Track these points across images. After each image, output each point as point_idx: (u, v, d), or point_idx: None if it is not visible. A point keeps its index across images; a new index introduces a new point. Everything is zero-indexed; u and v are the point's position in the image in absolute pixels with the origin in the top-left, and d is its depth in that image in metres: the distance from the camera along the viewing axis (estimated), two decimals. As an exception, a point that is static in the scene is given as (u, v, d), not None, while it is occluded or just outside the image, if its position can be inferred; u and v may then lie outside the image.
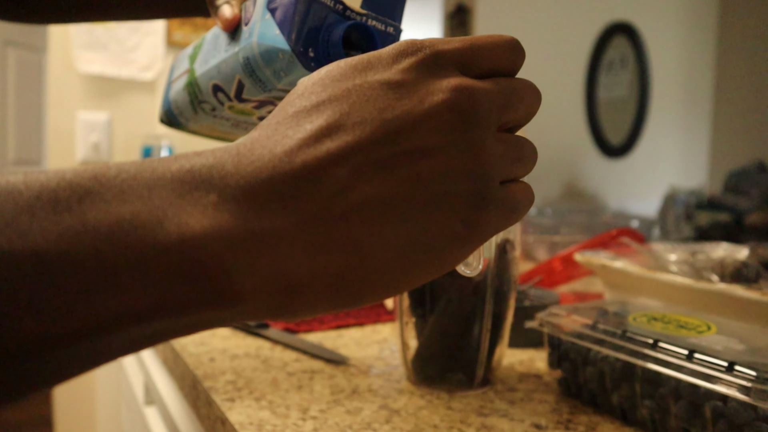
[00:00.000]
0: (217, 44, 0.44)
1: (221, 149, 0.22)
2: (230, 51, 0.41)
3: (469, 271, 0.29)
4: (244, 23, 0.40)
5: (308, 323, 0.66)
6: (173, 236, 0.19)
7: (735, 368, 0.35)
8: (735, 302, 0.51)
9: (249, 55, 0.38)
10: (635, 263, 0.62)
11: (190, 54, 0.48)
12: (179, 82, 0.49)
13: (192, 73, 0.46)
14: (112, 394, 1.21)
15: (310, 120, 0.22)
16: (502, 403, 0.46)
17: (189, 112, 0.49)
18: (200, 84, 0.45)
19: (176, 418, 0.60)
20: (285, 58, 0.36)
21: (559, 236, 1.13)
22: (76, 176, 0.20)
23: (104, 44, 1.60)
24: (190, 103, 0.47)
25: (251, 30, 0.39)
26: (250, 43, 0.38)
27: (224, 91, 0.43)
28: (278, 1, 0.37)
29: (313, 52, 0.36)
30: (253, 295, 0.20)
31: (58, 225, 0.18)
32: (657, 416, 0.40)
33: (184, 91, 0.47)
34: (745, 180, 2.41)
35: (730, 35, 2.86)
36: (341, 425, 0.41)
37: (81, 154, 1.60)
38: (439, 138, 0.22)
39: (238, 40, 0.40)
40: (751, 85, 2.76)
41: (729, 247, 0.70)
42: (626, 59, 2.68)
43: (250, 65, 0.39)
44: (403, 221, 0.21)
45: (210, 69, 0.43)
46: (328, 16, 0.36)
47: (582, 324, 0.46)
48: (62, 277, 0.18)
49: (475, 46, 0.24)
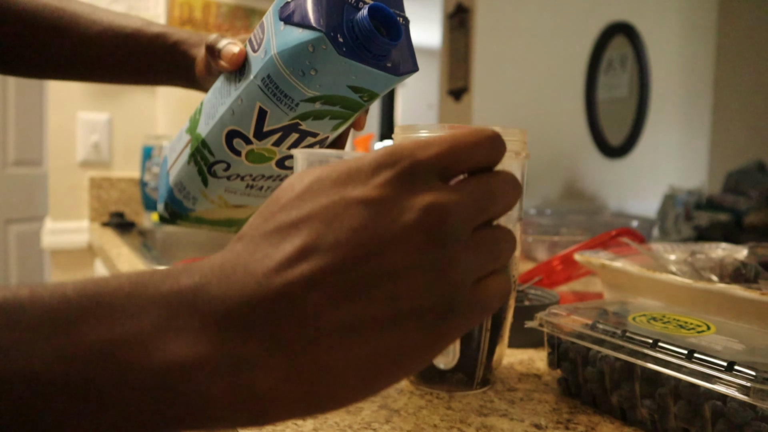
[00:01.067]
0: (220, 95, 0.43)
1: (207, 266, 0.23)
2: (242, 85, 0.40)
3: (443, 364, 0.29)
4: (253, 51, 0.40)
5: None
6: (156, 363, 0.21)
7: (734, 368, 0.36)
8: (734, 302, 0.51)
9: (270, 72, 0.38)
10: (635, 263, 0.62)
11: (187, 128, 0.47)
12: (179, 161, 0.47)
13: (196, 139, 0.45)
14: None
15: (290, 239, 0.23)
16: (501, 403, 0.46)
17: (197, 187, 0.47)
18: (210, 143, 0.44)
19: (177, 417, 0.60)
20: (315, 48, 0.35)
21: (559, 236, 1.13)
22: (76, 294, 0.22)
23: (104, 44, 1.60)
24: (198, 173, 0.46)
25: (265, 49, 0.38)
26: (269, 59, 0.38)
27: (242, 133, 0.42)
28: (292, 6, 0.37)
29: (342, 38, 0.35)
30: (225, 416, 0.22)
31: (54, 347, 0.21)
32: (656, 416, 0.40)
33: (188, 164, 0.46)
34: (745, 180, 2.41)
35: (729, 36, 2.86)
36: (341, 425, 0.41)
37: (81, 154, 1.60)
38: (409, 259, 0.23)
39: (249, 70, 0.40)
40: (751, 86, 2.76)
41: (728, 246, 0.70)
42: (626, 59, 2.68)
43: (273, 82, 0.38)
44: (371, 340, 0.23)
45: (220, 118, 0.42)
46: (345, 7, 0.36)
47: (582, 324, 0.46)
48: (54, 398, 0.20)
49: (455, 149, 0.25)
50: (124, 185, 1.67)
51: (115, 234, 1.44)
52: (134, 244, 1.26)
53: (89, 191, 1.62)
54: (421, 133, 0.46)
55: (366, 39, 0.36)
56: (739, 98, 2.81)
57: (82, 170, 1.62)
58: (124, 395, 0.21)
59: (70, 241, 1.60)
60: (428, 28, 4.67)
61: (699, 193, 2.56)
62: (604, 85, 2.64)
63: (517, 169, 0.47)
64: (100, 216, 1.64)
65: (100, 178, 1.63)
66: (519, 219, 0.48)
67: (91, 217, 1.63)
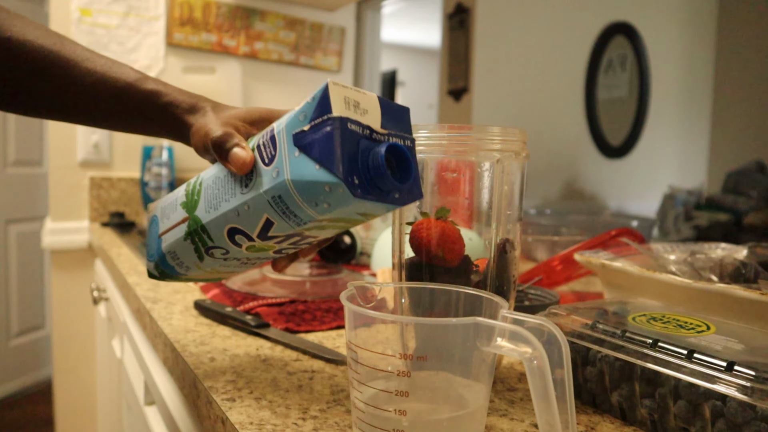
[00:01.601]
0: (224, 189, 0.43)
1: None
2: (250, 193, 0.41)
3: None
4: (263, 163, 0.40)
5: (308, 323, 0.66)
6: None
7: (734, 368, 0.36)
8: (734, 302, 0.51)
9: (281, 194, 0.39)
10: (635, 263, 0.62)
11: (183, 202, 0.47)
12: (174, 233, 0.48)
13: (195, 221, 0.45)
14: (112, 394, 1.21)
15: None
16: (502, 403, 0.46)
17: (192, 261, 0.48)
18: (210, 231, 0.45)
19: (176, 418, 0.60)
20: (332, 190, 0.37)
21: (559, 236, 1.13)
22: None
23: (105, 45, 1.60)
24: (195, 251, 0.47)
25: (278, 169, 0.39)
26: (281, 183, 0.38)
27: (245, 232, 0.43)
28: (309, 138, 0.37)
29: (357, 179, 0.37)
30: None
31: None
32: (656, 416, 0.40)
33: (185, 241, 0.47)
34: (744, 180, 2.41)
35: (728, 36, 2.87)
36: (341, 425, 0.41)
37: (81, 154, 1.60)
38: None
39: (259, 181, 0.40)
40: (750, 86, 2.77)
41: (728, 247, 0.70)
42: (626, 59, 2.68)
43: (284, 202, 0.39)
44: None
45: (224, 215, 0.43)
46: (360, 141, 0.37)
47: (582, 324, 0.46)
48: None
49: None
50: (124, 185, 1.67)
51: (115, 234, 1.44)
52: (134, 244, 1.26)
53: (89, 191, 1.62)
54: (420, 133, 0.46)
55: (380, 180, 0.37)
56: (739, 98, 2.81)
57: (82, 170, 1.62)
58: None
59: (70, 241, 1.60)
60: (428, 28, 4.67)
61: (699, 193, 2.56)
62: (604, 85, 2.65)
63: (517, 169, 0.47)
64: (100, 216, 1.64)
65: (100, 178, 1.63)
66: (519, 219, 0.48)
67: (91, 217, 1.63)
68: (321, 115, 0.37)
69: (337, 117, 0.36)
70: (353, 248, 1.05)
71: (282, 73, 1.92)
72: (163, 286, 0.85)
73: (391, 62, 5.29)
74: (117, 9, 1.61)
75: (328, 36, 1.98)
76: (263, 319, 0.66)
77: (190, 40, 1.74)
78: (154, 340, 0.70)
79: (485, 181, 0.46)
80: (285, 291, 0.81)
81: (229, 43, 1.80)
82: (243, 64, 1.83)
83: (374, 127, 0.38)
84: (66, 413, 1.66)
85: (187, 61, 1.74)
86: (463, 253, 0.46)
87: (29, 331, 2.71)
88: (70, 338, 1.64)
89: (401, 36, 5.08)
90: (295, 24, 1.90)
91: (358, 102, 0.38)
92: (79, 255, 1.62)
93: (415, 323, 0.38)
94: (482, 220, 0.46)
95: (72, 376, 1.65)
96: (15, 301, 2.63)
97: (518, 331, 0.31)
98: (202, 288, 0.82)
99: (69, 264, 1.62)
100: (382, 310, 0.42)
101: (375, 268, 0.98)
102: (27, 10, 2.53)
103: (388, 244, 0.94)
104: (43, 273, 2.76)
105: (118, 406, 1.09)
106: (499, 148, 0.45)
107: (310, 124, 0.37)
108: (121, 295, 1.06)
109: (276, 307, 0.72)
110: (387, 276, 0.83)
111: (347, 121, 0.37)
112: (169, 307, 0.73)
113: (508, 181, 0.46)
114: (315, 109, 0.37)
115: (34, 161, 2.71)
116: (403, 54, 5.46)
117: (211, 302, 0.69)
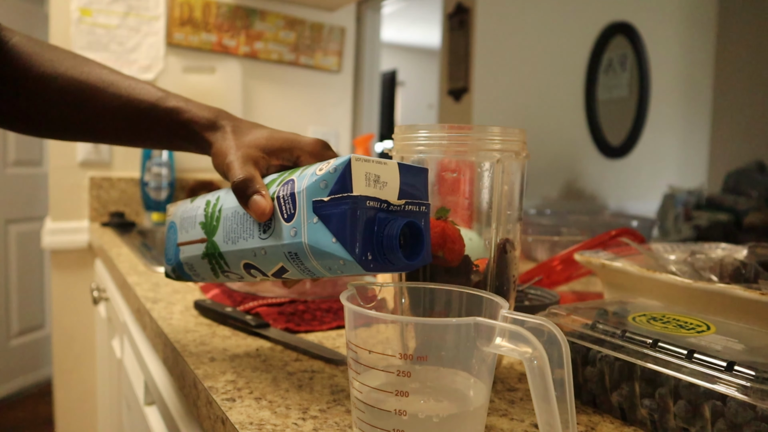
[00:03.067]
0: (243, 226, 0.45)
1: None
2: (269, 242, 0.42)
3: None
4: (283, 217, 0.42)
5: (308, 323, 0.66)
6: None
7: (734, 368, 0.36)
8: (734, 302, 0.51)
9: (297, 251, 0.40)
10: (635, 263, 0.62)
11: (202, 222, 0.49)
12: (192, 249, 0.50)
13: (213, 246, 0.48)
14: (112, 394, 1.21)
15: None
16: (501, 403, 0.46)
17: (207, 274, 0.50)
18: (228, 260, 0.47)
19: (176, 418, 0.60)
20: (346, 264, 0.38)
21: (559, 236, 1.13)
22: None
23: (105, 45, 1.60)
24: (211, 269, 0.49)
25: (297, 230, 0.40)
26: (298, 243, 0.40)
27: (260, 270, 0.45)
28: (328, 210, 0.38)
29: (371, 255, 0.38)
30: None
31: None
32: (656, 416, 0.40)
33: (202, 260, 0.49)
34: (744, 180, 2.41)
35: (728, 36, 2.86)
36: (341, 425, 0.41)
37: (81, 154, 1.60)
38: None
39: (278, 233, 0.42)
40: (750, 86, 2.77)
41: (728, 247, 0.70)
42: (626, 59, 2.68)
43: (299, 258, 0.41)
44: None
45: (241, 251, 0.45)
46: (377, 215, 0.39)
47: (582, 324, 0.46)
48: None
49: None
50: (124, 185, 1.67)
51: (115, 234, 1.44)
52: (134, 244, 1.26)
53: (89, 191, 1.62)
54: (421, 133, 0.46)
55: (392, 255, 0.39)
56: (739, 98, 2.81)
57: (82, 170, 1.62)
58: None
59: (70, 241, 1.60)
60: (428, 28, 4.67)
61: (699, 193, 2.56)
62: (604, 85, 2.65)
63: (517, 169, 0.47)
64: (100, 216, 1.64)
65: (100, 178, 1.63)
66: (519, 219, 0.48)
67: (91, 217, 1.63)
68: (341, 191, 0.38)
69: (356, 197, 0.38)
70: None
71: (282, 73, 1.92)
72: (163, 285, 0.85)
73: (391, 62, 5.29)
74: (117, 9, 1.61)
75: (328, 36, 1.98)
76: (263, 319, 0.66)
77: (190, 40, 1.74)
78: (154, 340, 0.70)
79: (485, 181, 0.46)
80: (285, 291, 0.81)
81: (229, 43, 1.80)
82: (243, 64, 1.83)
83: (391, 200, 0.40)
84: (66, 413, 1.66)
85: (187, 61, 1.74)
86: (463, 253, 0.46)
87: (29, 331, 2.71)
88: (70, 338, 1.64)
89: (401, 36, 5.08)
90: (295, 24, 1.90)
91: (378, 176, 0.39)
92: (79, 255, 1.62)
93: (415, 323, 0.38)
94: (482, 220, 0.46)
95: (72, 376, 1.65)
96: (15, 301, 2.63)
97: (518, 331, 0.31)
98: (202, 288, 0.82)
99: (69, 264, 1.62)
100: (382, 310, 0.42)
101: (375, 268, 0.98)
102: (27, 10, 2.53)
103: (388, 244, 0.94)
104: (43, 273, 2.76)
105: (118, 406, 1.09)
106: (499, 148, 0.45)
107: (330, 197, 0.38)
108: (121, 295, 1.06)
109: (276, 307, 0.72)
110: (387, 276, 0.83)
111: (366, 200, 0.38)
112: (169, 307, 0.73)
113: (508, 181, 0.46)
114: (336, 182, 0.38)
115: (34, 161, 2.71)
116: (403, 54, 5.46)
117: (211, 302, 0.69)
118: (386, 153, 0.50)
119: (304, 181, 0.41)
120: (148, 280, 0.89)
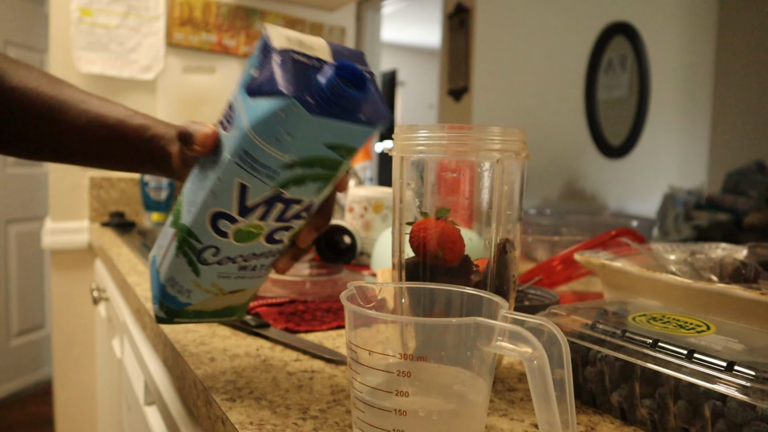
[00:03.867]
0: (199, 181, 0.43)
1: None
2: (219, 166, 0.41)
3: None
4: (225, 130, 0.41)
5: (308, 323, 0.66)
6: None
7: (734, 368, 0.36)
8: (734, 302, 0.51)
9: (245, 146, 0.38)
10: (635, 263, 0.62)
11: (170, 222, 0.47)
12: (168, 257, 0.47)
13: (181, 230, 0.45)
14: (112, 394, 1.21)
15: None
16: (501, 403, 0.46)
17: (189, 279, 0.46)
18: (195, 230, 0.44)
19: (176, 417, 0.60)
20: (287, 113, 0.36)
21: (559, 236, 1.13)
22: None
23: (105, 45, 1.60)
24: (188, 264, 0.45)
25: (237, 125, 0.39)
26: (242, 134, 0.38)
27: (226, 213, 0.42)
28: (259, 80, 0.37)
29: (312, 98, 0.36)
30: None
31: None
32: (656, 416, 0.40)
33: (177, 257, 0.45)
34: (744, 180, 2.41)
35: (729, 36, 2.86)
36: (341, 425, 0.41)
37: (81, 155, 1.61)
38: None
39: (224, 150, 0.40)
40: (750, 86, 2.76)
41: (728, 247, 0.70)
42: (626, 59, 2.68)
43: (249, 155, 0.39)
44: None
45: (203, 203, 0.42)
46: (310, 71, 0.37)
47: (582, 324, 0.46)
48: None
49: None
50: (124, 185, 1.67)
51: (115, 234, 1.44)
52: (134, 244, 1.26)
53: (89, 191, 1.62)
54: (421, 133, 0.46)
55: (335, 95, 0.36)
56: (739, 98, 2.81)
57: (82, 170, 1.62)
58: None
59: (70, 241, 1.60)
60: (428, 28, 4.67)
61: (699, 193, 2.56)
62: (604, 85, 2.65)
63: (517, 169, 0.47)
64: (100, 216, 1.64)
65: (100, 178, 1.63)
66: (519, 219, 0.48)
67: (91, 217, 1.63)
68: (265, 55, 0.37)
69: (279, 49, 0.36)
70: (353, 248, 1.05)
71: (282, 73, 1.92)
72: (163, 286, 0.85)
73: (391, 62, 5.29)
74: (117, 9, 1.61)
75: (328, 36, 1.98)
76: (263, 319, 0.66)
77: (190, 40, 1.74)
78: (154, 340, 0.70)
79: (485, 181, 0.46)
80: (285, 291, 0.81)
81: (229, 43, 1.80)
82: (243, 64, 1.83)
83: (324, 58, 0.38)
84: (66, 413, 1.66)
85: (187, 61, 1.74)
86: (463, 253, 0.46)
87: (29, 331, 2.71)
88: (70, 338, 1.64)
89: (401, 36, 5.08)
90: (295, 24, 1.90)
91: (302, 41, 0.38)
92: (79, 255, 1.62)
93: (415, 323, 0.38)
94: (482, 220, 0.46)
95: (72, 376, 1.65)
96: (15, 301, 2.63)
97: (518, 331, 0.31)
98: (202, 288, 0.82)
99: (69, 264, 1.62)
100: (382, 310, 0.41)
101: (375, 268, 0.98)
102: (27, 10, 2.53)
103: (388, 244, 0.94)
104: (43, 273, 2.76)
105: (118, 406, 1.09)
106: (499, 148, 0.45)
107: (258, 70, 0.37)
108: (121, 295, 1.06)
109: (276, 307, 0.72)
110: (387, 276, 0.83)
111: (291, 52, 0.37)
112: (169, 307, 0.73)
113: (508, 181, 0.46)
114: (259, 53, 0.37)
115: (33, 161, 2.71)
116: (403, 54, 5.46)
117: (211, 302, 0.69)
118: (386, 153, 0.50)
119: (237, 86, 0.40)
120: (148, 279, 0.89)
